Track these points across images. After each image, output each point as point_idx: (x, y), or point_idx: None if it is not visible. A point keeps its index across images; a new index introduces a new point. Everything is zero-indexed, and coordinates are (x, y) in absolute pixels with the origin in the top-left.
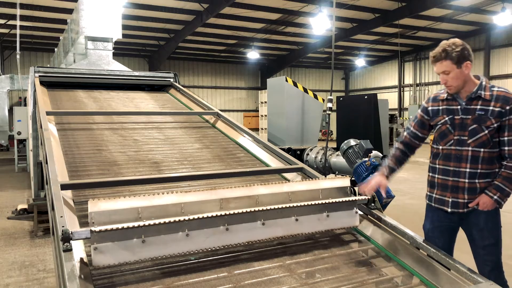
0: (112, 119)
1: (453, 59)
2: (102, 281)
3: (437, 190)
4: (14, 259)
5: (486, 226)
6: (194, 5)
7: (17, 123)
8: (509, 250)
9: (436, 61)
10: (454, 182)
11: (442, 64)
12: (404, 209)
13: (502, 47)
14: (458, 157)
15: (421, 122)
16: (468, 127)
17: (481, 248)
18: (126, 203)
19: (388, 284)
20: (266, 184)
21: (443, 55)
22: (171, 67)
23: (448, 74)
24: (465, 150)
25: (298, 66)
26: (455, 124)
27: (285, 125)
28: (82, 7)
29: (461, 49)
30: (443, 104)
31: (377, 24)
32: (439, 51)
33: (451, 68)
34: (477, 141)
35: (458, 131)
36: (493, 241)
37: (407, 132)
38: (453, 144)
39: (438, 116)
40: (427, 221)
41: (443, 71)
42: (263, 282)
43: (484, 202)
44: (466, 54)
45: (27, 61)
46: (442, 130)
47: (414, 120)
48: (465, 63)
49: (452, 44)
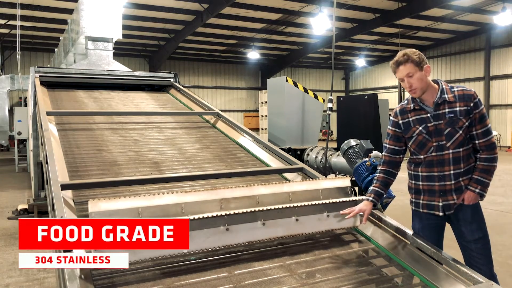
0: (113, 119)
1: (415, 62)
2: (102, 281)
3: (424, 196)
4: (14, 259)
5: (474, 219)
6: (194, 5)
7: (18, 123)
8: (509, 250)
9: (398, 65)
10: (441, 187)
11: (406, 67)
12: (404, 209)
13: (502, 47)
14: (441, 162)
15: (395, 136)
16: (443, 132)
17: (472, 243)
18: (127, 203)
19: (388, 284)
20: (267, 184)
21: (405, 57)
22: (171, 67)
23: (412, 76)
24: (446, 153)
25: (299, 66)
26: (430, 132)
27: (286, 125)
28: (82, 7)
29: (419, 54)
30: (412, 115)
31: (377, 24)
32: (400, 55)
33: (414, 70)
34: (455, 143)
35: (436, 137)
36: (482, 234)
37: (385, 151)
38: (433, 150)
39: (410, 128)
40: (415, 221)
41: (407, 73)
42: (264, 282)
43: (469, 196)
44: (425, 59)
45: (27, 61)
46: (419, 140)
47: (387, 137)
48: (425, 66)
49: (410, 50)
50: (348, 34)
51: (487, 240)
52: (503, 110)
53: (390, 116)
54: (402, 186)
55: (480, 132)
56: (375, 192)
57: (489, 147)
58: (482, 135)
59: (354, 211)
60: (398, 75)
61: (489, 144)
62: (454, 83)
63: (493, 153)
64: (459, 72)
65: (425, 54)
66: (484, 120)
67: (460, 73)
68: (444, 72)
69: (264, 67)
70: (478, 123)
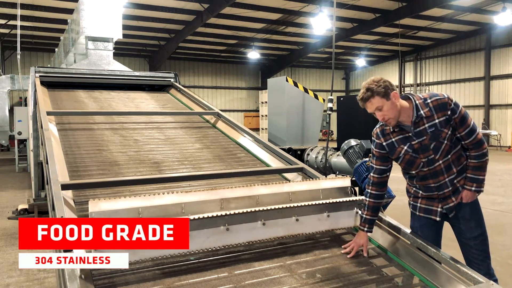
0: (113, 119)
1: (380, 94)
2: (102, 281)
3: (423, 200)
4: (14, 259)
5: (472, 217)
6: (194, 5)
7: (18, 123)
8: (509, 250)
9: (365, 102)
10: (440, 195)
11: (372, 102)
12: (405, 209)
13: (502, 47)
14: (434, 174)
15: (382, 157)
16: (430, 147)
17: (471, 240)
18: (127, 203)
19: (388, 284)
20: (267, 184)
21: (369, 93)
22: (172, 67)
23: (382, 109)
24: (438, 165)
25: (299, 66)
26: (417, 149)
27: (286, 125)
28: (82, 7)
29: (382, 82)
30: (394, 135)
31: (377, 24)
32: (364, 91)
33: (382, 102)
34: (443, 153)
35: (423, 154)
36: (481, 231)
37: (373, 172)
38: (424, 166)
39: (395, 148)
40: (414, 220)
41: (375, 107)
42: (264, 282)
43: (466, 195)
44: (389, 85)
45: (27, 61)
46: (407, 159)
47: (373, 158)
48: (392, 94)
49: (373, 82)
50: (348, 34)
51: (485, 237)
52: (503, 110)
53: (372, 137)
54: (402, 186)
55: (464, 134)
56: (369, 221)
57: (476, 144)
58: (467, 135)
59: (354, 248)
60: (368, 110)
61: (476, 142)
62: (454, 83)
63: (482, 149)
64: (459, 72)
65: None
66: (465, 122)
67: (460, 73)
68: (444, 72)
69: (264, 67)
70: (460, 126)
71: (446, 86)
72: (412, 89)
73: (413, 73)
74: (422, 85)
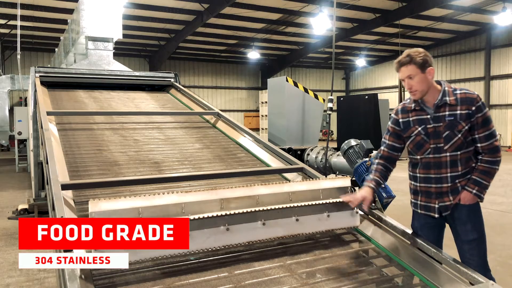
0: (113, 119)
1: (417, 64)
2: (102, 281)
3: (421, 197)
4: (14, 259)
5: (469, 220)
6: (194, 5)
7: (18, 123)
8: (509, 250)
9: (401, 66)
10: (437, 189)
11: (407, 68)
12: (404, 209)
13: (503, 47)
14: (438, 164)
15: (395, 134)
16: (442, 134)
17: (466, 243)
18: (127, 203)
19: (388, 284)
20: (267, 184)
21: (407, 59)
22: (172, 67)
23: (413, 78)
24: (444, 156)
25: (299, 66)
26: (429, 134)
27: (286, 125)
28: (82, 7)
29: (424, 55)
30: (413, 115)
31: (377, 24)
32: (404, 56)
33: (416, 72)
34: (453, 146)
35: (433, 140)
36: (477, 236)
37: (383, 146)
38: (430, 152)
39: (410, 127)
40: (414, 220)
41: (408, 75)
42: (264, 282)
43: (465, 197)
44: (429, 60)
45: (27, 61)
46: (417, 140)
47: (387, 133)
48: (428, 69)
49: (416, 51)
50: (349, 34)
51: (481, 242)
52: (503, 110)
53: (391, 113)
54: (402, 186)
55: (482, 136)
56: (376, 181)
57: (491, 150)
58: (485, 138)
59: (357, 199)
60: (400, 75)
61: (492, 147)
62: (454, 83)
63: (496, 156)
64: (459, 72)
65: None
66: (487, 124)
67: (460, 73)
68: (444, 72)
69: (264, 67)
70: (481, 126)
71: None
72: None
73: None
74: None
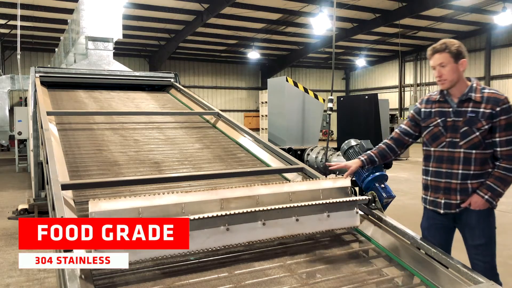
0: (113, 119)
1: (452, 53)
2: (102, 281)
3: (431, 192)
4: (14, 259)
5: (478, 226)
6: (194, 5)
7: (18, 123)
8: (509, 250)
9: (435, 53)
10: (446, 184)
11: (441, 56)
12: (405, 209)
13: (503, 47)
14: (451, 159)
15: (413, 120)
16: (459, 129)
17: (472, 248)
18: (127, 203)
19: (388, 284)
20: (267, 184)
21: (443, 46)
22: (172, 67)
23: (445, 67)
24: (457, 152)
25: (299, 66)
26: (447, 127)
27: (286, 125)
28: (82, 7)
29: (458, 46)
30: (436, 106)
31: (377, 24)
32: (440, 43)
33: (449, 61)
34: (468, 143)
35: (450, 133)
36: (484, 241)
37: (398, 129)
38: (445, 146)
39: (430, 118)
40: (423, 219)
41: (440, 63)
42: (264, 282)
43: (476, 201)
44: (463, 52)
45: (27, 61)
46: (434, 132)
47: (407, 119)
48: (461, 60)
49: (451, 41)
50: (348, 34)
51: (489, 247)
52: None
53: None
54: (402, 186)
55: (503, 140)
56: (369, 156)
57: (511, 156)
58: (506, 143)
59: (340, 166)
60: (432, 62)
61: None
62: None
63: None
64: None
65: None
66: (510, 129)
67: None
68: None
69: (264, 67)
70: (503, 130)
71: None
72: (412, 89)
73: (413, 73)
74: (422, 85)
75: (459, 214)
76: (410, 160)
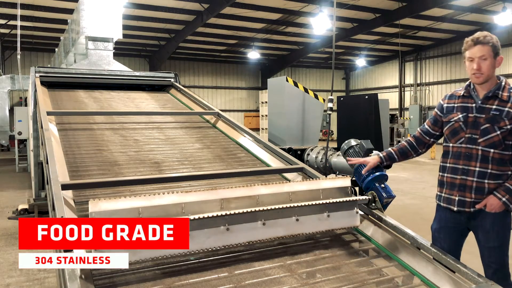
0: (113, 119)
1: (494, 47)
2: (103, 281)
3: (446, 189)
4: (15, 259)
5: (492, 228)
6: (194, 5)
7: (18, 123)
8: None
9: (477, 44)
10: (462, 181)
11: (484, 48)
12: (405, 209)
13: (503, 47)
14: (468, 156)
15: (435, 119)
16: (480, 126)
17: (485, 250)
18: (127, 203)
19: (388, 284)
20: (267, 184)
21: (487, 39)
22: (172, 67)
23: (485, 60)
24: (475, 148)
25: (299, 66)
26: (468, 122)
27: (286, 125)
28: (82, 7)
29: (498, 41)
30: (459, 101)
31: (377, 24)
32: (483, 35)
33: (490, 55)
34: (488, 141)
35: (470, 129)
36: (498, 244)
37: (420, 128)
38: (463, 142)
39: (452, 113)
40: (435, 220)
41: (481, 55)
42: (264, 282)
43: (492, 203)
44: (499, 50)
45: (27, 61)
46: (455, 127)
47: (429, 118)
48: (498, 57)
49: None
50: (348, 34)
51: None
52: None
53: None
54: (402, 186)
55: None
56: (389, 153)
57: None
58: None
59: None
60: (470, 53)
61: None
62: (454, 83)
63: None
64: (459, 72)
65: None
66: None
67: (460, 73)
68: (444, 72)
69: (264, 67)
70: None
71: (446, 86)
72: (412, 89)
73: (413, 73)
74: (422, 85)
75: (473, 215)
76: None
